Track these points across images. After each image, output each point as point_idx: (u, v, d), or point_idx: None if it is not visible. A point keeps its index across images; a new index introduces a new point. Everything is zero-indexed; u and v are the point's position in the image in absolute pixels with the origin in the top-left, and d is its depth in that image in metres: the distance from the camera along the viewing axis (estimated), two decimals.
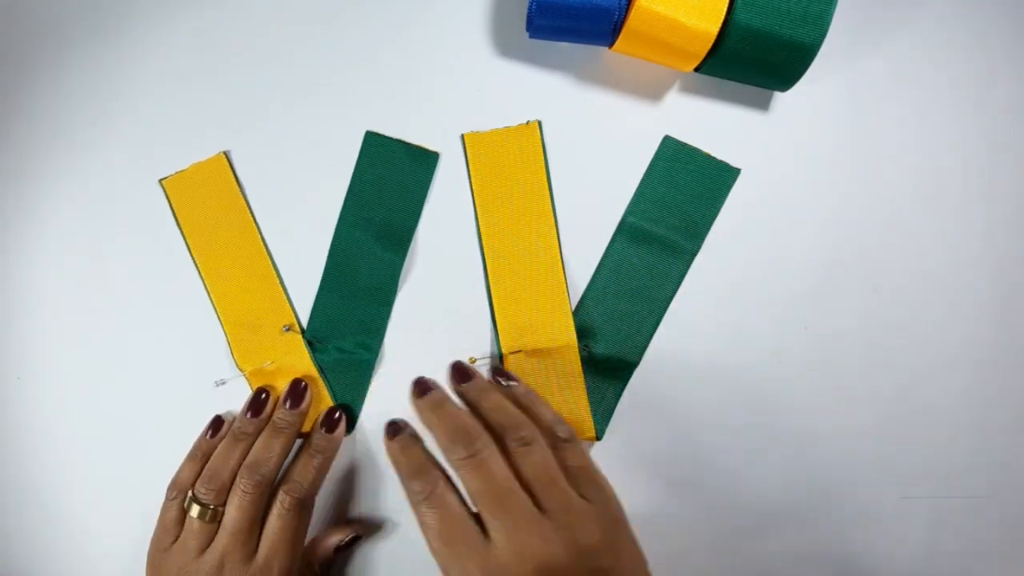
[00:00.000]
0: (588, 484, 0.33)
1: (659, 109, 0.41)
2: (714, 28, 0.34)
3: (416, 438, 0.36)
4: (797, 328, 0.41)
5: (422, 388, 0.36)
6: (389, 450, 0.35)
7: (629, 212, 0.40)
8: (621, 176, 0.40)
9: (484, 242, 0.40)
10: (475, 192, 0.40)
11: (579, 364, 0.39)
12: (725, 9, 0.34)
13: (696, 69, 0.37)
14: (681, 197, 0.40)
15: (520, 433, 0.33)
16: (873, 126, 0.41)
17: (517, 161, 0.40)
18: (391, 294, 0.40)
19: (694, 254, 0.40)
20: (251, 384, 0.40)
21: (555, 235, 0.40)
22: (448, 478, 0.33)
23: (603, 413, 0.40)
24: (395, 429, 0.36)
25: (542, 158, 0.40)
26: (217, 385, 0.40)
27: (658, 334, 0.40)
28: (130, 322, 0.41)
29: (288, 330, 0.40)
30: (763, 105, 0.41)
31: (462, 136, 0.40)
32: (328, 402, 0.40)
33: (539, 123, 0.40)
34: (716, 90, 0.41)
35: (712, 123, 0.41)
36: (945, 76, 0.41)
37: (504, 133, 0.40)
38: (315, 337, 0.40)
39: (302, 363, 0.40)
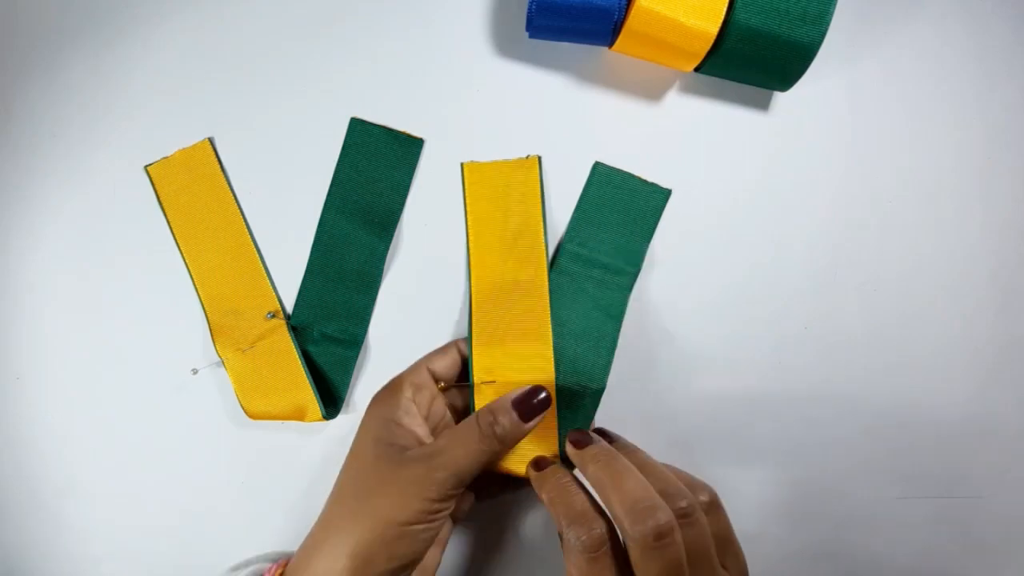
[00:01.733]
0: (729, 554, 0.32)
1: (659, 109, 0.41)
2: (714, 28, 0.34)
3: (574, 478, 0.33)
4: (797, 328, 0.41)
5: (580, 441, 0.34)
6: (537, 482, 0.34)
7: (566, 240, 0.40)
8: None
9: (472, 273, 0.40)
10: (469, 223, 0.40)
11: (552, 398, 0.37)
12: (725, 9, 0.34)
13: (696, 69, 0.37)
14: (615, 221, 0.40)
15: (680, 504, 0.30)
16: (873, 126, 0.41)
17: (514, 195, 0.40)
18: (376, 280, 0.40)
19: (635, 275, 0.40)
20: (230, 370, 0.40)
21: (545, 274, 0.39)
22: (612, 531, 0.30)
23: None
24: (542, 462, 0.35)
25: (539, 194, 0.40)
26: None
27: (658, 334, 0.40)
28: (121, 313, 0.41)
29: (272, 316, 0.40)
30: (763, 105, 0.41)
31: (461, 165, 0.40)
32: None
33: (539, 158, 0.40)
34: (716, 90, 0.41)
35: (712, 123, 0.41)
36: (944, 76, 0.41)
37: (503, 165, 0.40)
38: (300, 323, 0.40)
39: (286, 349, 0.40)
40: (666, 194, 0.40)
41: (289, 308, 0.41)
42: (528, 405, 0.34)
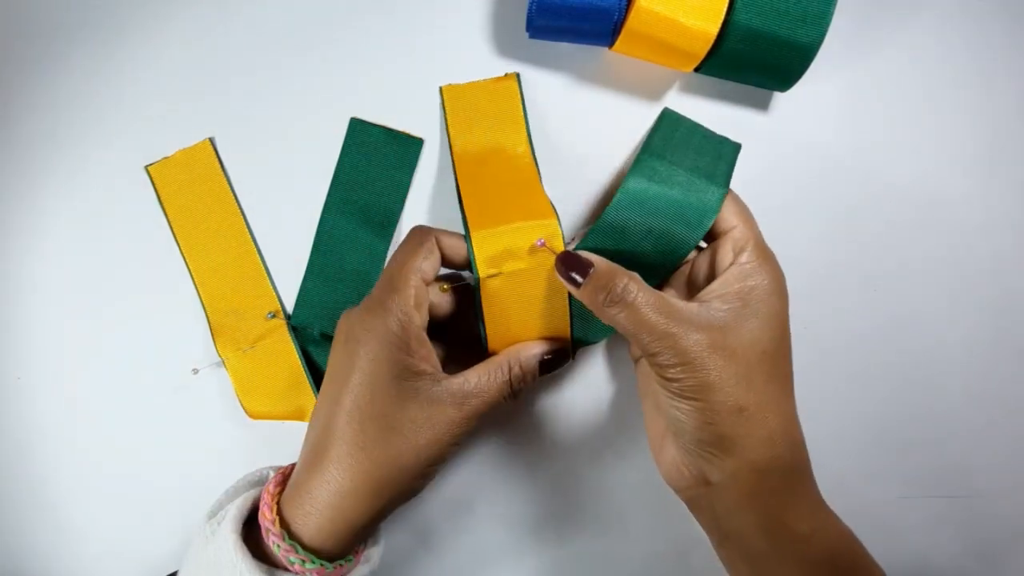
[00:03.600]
0: None
1: (659, 109, 0.41)
2: (714, 28, 0.34)
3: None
4: (797, 328, 0.40)
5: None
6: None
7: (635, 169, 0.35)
8: (620, 176, 0.40)
9: (459, 175, 0.39)
10: (452, 136, 0.40)
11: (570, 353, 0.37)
12: (725, 9, 0.34)
13: (696, 69, 0.37)
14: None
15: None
16: (873, 126, 0.41)
17: (495, 111, 0.40)
18: (376, 279, 0.40)
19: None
20: (230, 370, 0.40)
21: (536, 175, 0.39)
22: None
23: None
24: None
25: (520, 108, 0.40)
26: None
27: None
28: (121, 313, 0.41)
29: (273, 317, 0.40)
30: (763, 105, 0.41)
31: (440, 88, 0.40)
32: None
33: (517, 75, 0.40)
34: (716, 90, 0.41)
35: (712, 123, 0.41)
36: (945, 75, 0.41)
37: (481, 85, 0.40)
38: (300, 323, 0.40)
39: (286, 349, 0.40)
40: (737, 147, 0.38)
41: (289, 308, 0.41)
42: (552, 365, 0.36)
